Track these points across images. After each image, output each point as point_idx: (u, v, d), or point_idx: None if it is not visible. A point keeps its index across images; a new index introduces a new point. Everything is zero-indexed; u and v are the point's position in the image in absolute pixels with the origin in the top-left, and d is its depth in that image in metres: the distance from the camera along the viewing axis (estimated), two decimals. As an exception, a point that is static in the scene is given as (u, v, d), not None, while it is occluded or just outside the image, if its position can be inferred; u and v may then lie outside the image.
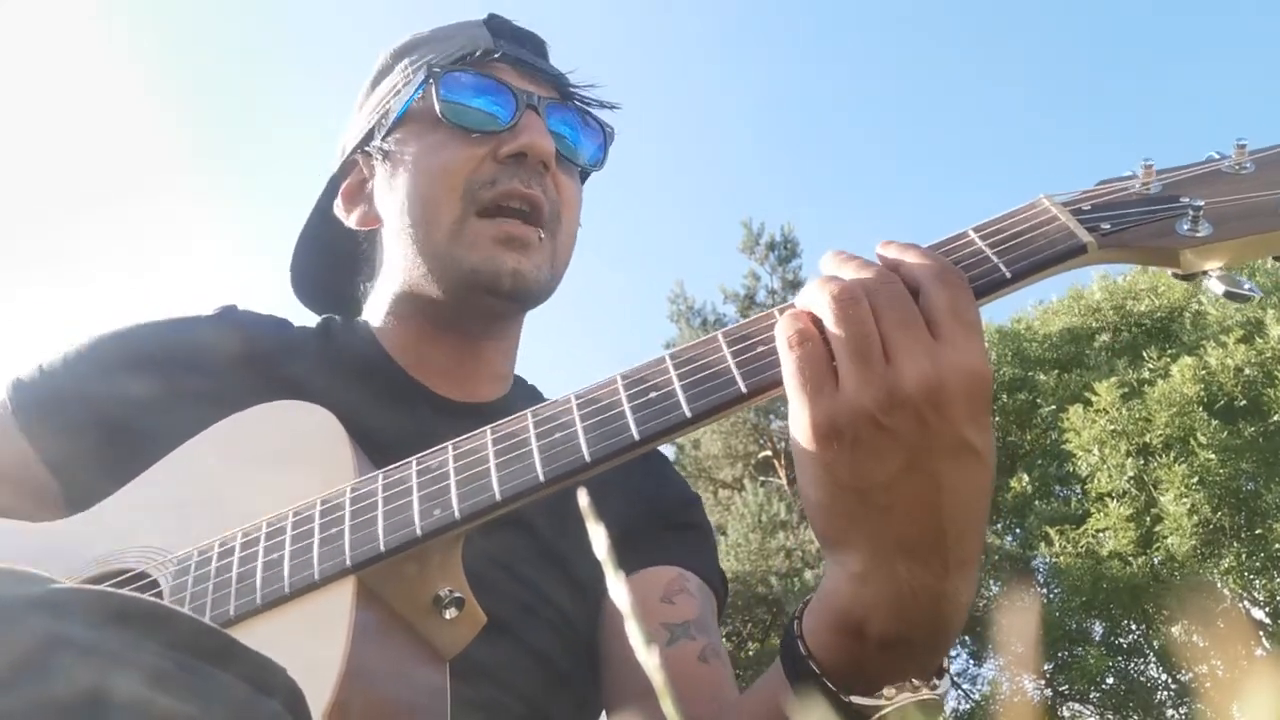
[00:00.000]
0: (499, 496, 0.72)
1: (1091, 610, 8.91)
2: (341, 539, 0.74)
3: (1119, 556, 8.56)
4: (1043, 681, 9.50)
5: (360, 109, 1.19)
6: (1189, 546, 8.13)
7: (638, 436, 0.70)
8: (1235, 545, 8.36)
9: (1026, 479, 9.86)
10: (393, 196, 1.09)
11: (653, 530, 1.10)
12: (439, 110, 1.05)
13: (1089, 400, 8.87)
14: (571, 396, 0.76)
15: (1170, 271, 0.73)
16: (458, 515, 0.72)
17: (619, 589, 0.33)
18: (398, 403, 1.08)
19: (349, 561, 0.73)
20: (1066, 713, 9.84)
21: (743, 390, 0.69)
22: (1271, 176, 0.73)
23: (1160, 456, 8.47)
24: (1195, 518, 8.11)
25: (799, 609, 0.75)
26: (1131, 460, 8.57)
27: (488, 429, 0.77)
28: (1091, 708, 9.53)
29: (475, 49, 1.09)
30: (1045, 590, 9.63)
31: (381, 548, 0.73)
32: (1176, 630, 8.80)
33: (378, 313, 1.16)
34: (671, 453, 15.76)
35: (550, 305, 1.14)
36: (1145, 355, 9.43)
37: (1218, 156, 0.76)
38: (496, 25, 1.13)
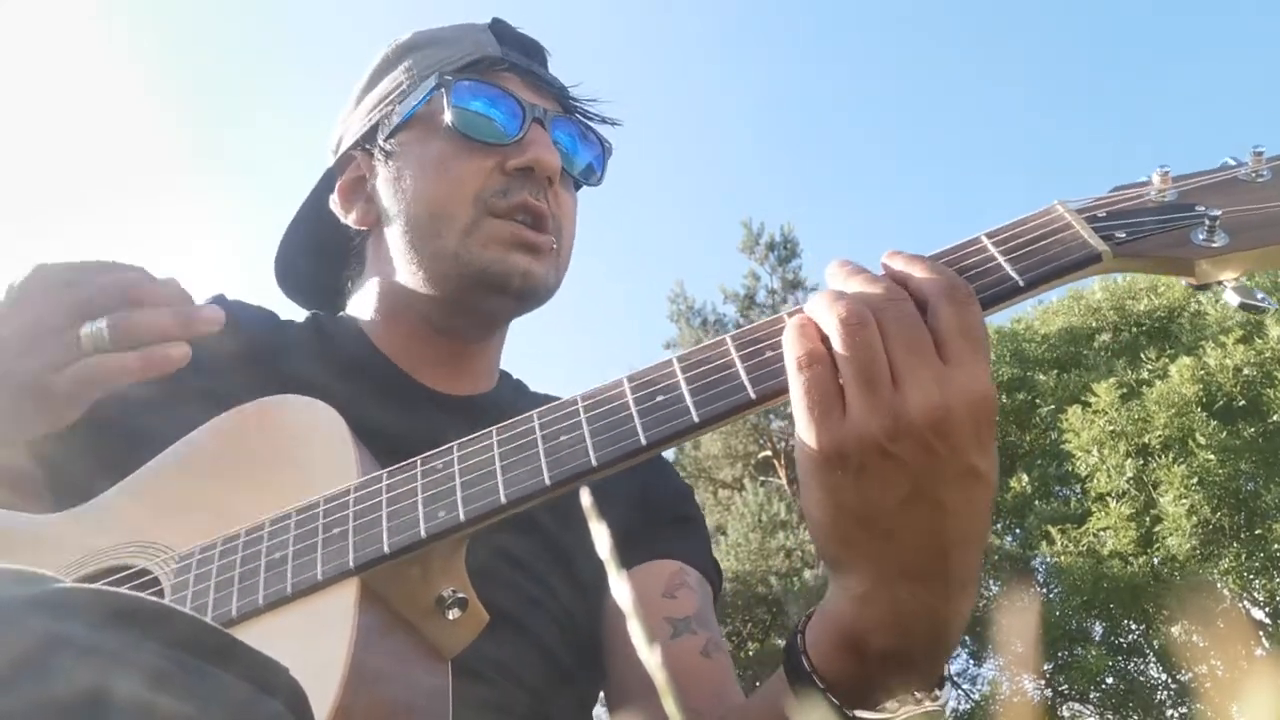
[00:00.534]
0: (504, 500, 0.71)
1: (1091, 610, 8.91)
2: (345, 540, 0.74)
3: (1119, 556, 8.56)
4: (1043, 681, 9.50)
5: (358, 104, 1.18)
6: (1189, 546, 8.13)
7: (645, 441, 0.69)
8: (1235, 545, 8.36)
9: (1026, 479, 9.86)
10: (398, 198, 1.09)
11: (651, 524, 1.11)
12: (449, 118, 1.05)
13: (1088, 401, 8.87)
14: (578, 399, 0.75)
15: (1185, 281, 0.72)
16: (462, 518, 0.72)
17: (621, 589, 0.33)
18: (392, 397, 1.08)
19: (352, 563, 0.72)
20: (1066, 712, 9.84)
21: (752, 396, 0.68)
22: None
23: (1159, 457, 8.47)
24: (1195, 518, 8.12)
25: (801, 623, 0.75)
26: (1131, 460, 8.57)
27: (493, 430, 0.77)
28: (1091, 707, 9.54)
29: (483, 57, 1.09)
30: (1045, 590, 9.63)
31: (385, 549, 0.72)
32: (1176, 630, 8.80)
33: (366, 309, 1.15)
34: (671, 453, 15.76)
35: (551, 304, 1.14)
36: (1144, 356, 9.44)
37: (1234, 163, 0.74)
38: (501, 31, 1.13)
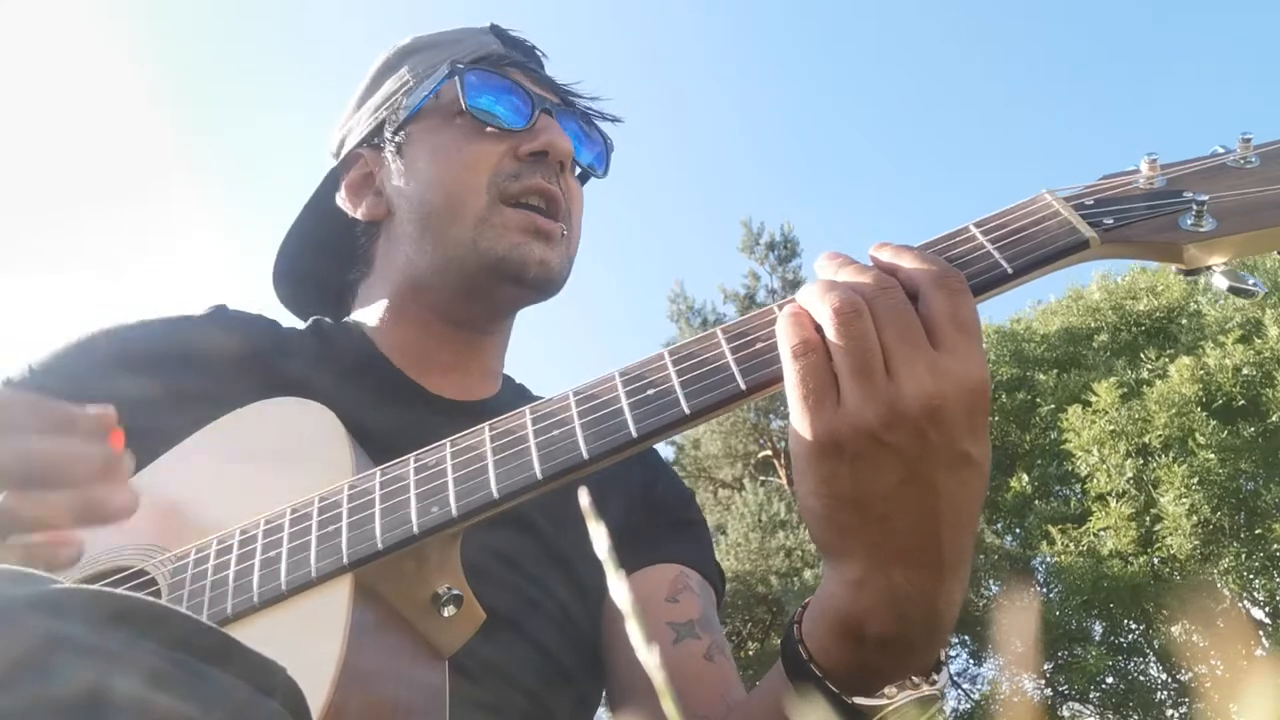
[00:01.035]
0: (496, 494, 0.71)
1: (1091, 610, 8.91)
2: (339, 537, 0.74)
3: (1119, 556, 8.56)
4: (1042, 681, 9.51)
5: (360, 106, 1.19)
6: (1189, 546, 8.13)
7: (636, 434, 0.70)
8: (1235, 545, 8.37)
9: (1026, 479, 9.86)
10: (410, 187, 1.09)
11: (652, 528, 1.11)
12: (464, 103, 1.06)
13: (1088, 400, 8.87)
14: (570, 394, 0.75)
15: (1174, 267, 0.72)
16: (455, 513, 0.72)
17: (619, 589, 0.33)
18: (394, 401, 1.08)
19: (346, 559, 0.72)
20: (1066, 712, 9.85)
21: (742, 388, 0.69)
22: (1276, 171, 0.72)
23: (1159, 456, 8.47)
24: (1195, 518, 8.12)
25: (797, 613, 0.76)
26: (1131, 460, 8.57)
27: (485, 426, 0.77)
28: (1091, 707, 9.54)
29: (489, 54, 1.11)
30: (1045, 590, 9.63)
31: (379, 545, 0.72)
32: (1176, 630, 8.80)
33: (373, 309, 1.16)
34: (671, 452, 15.75)
35: (551, 302, 1.15)
36: (1144, 356, 9.44)
37: (1222, 150, 0.75)
38: (501, 34, 1.15)
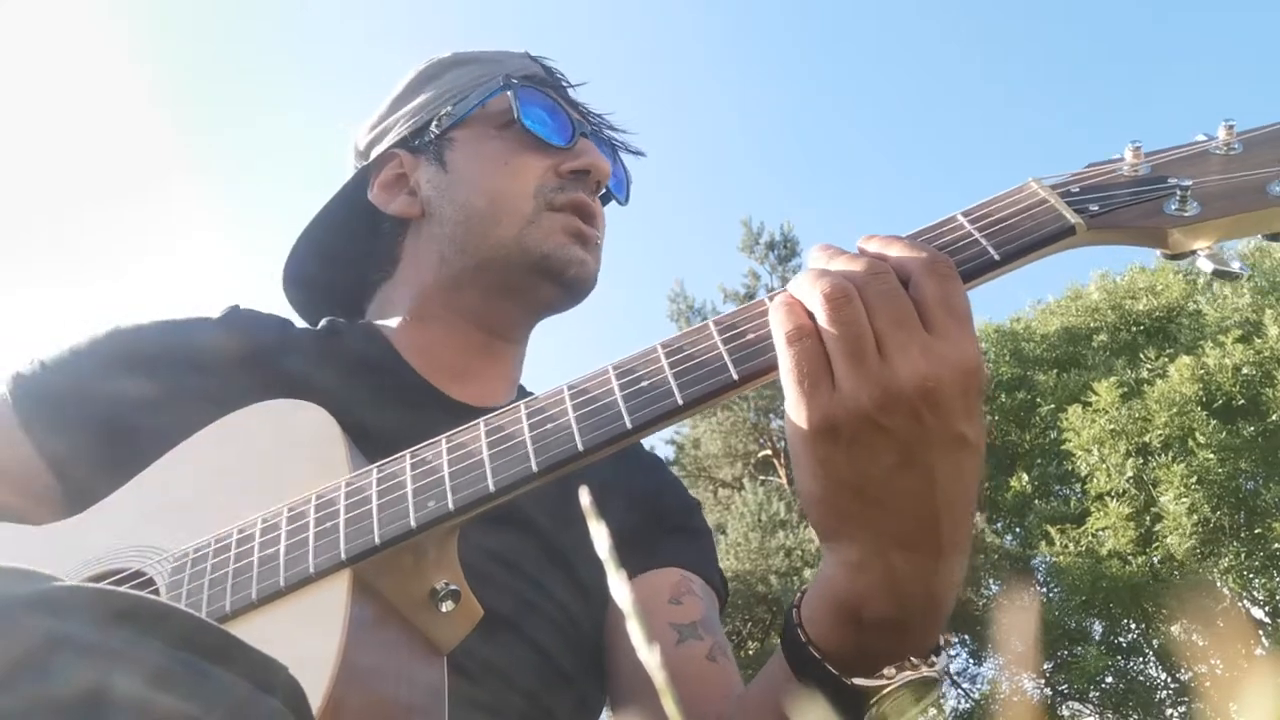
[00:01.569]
0: (492, 488, 0.71)
1: (1091, 609, 8.92)
2: (336, 533, 0.74)
3: (1118, 556, 8.57)
4: (1042, 680, 9.52)
5: (395, 111, 1.21)
6: (1188, 546, 8.14)
7: (630, 425, 0.70)
8: (1234, 544, 8.37)
9: (1026, 478, 9.87)
10: (454, 188, 1.11)
11: (655, 534, 1.11)
12: (517, 115, 1.10)
13: (1088, 400, 8.88)
14: (564, 387, 0.75)
15: (1159, 252, 0.73)
16: (451, 507, 0.72)
17: (620, 587, 0.33)
18: (407, 403, 1.08)
19: (344, 555, 0.72)
20: (1066, 711, 9.86)
21: (734, 378, 0.69)
22: (1259, 156, 0.73)
23: (1159, 456, 8.48)
24: (1194, 517, 8.13)
25: (797, 597, 0.76)
26: (1131, 460, 8.58)
27: (480, 421, 0.77)
28: (1091, 706, 9.55)
29: (535, 73, 1.16)
30: (1045, 589, 9.64)
31: (376, 540, 0.72)
32: (1176, 629, 8.81)
33: (395, 309, 1.16)
34: (671, 452, 15.76)
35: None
36: (1143, 355, 9.45)
37: (1205, 138, 0.76)
38: (538, 60, 1.19)
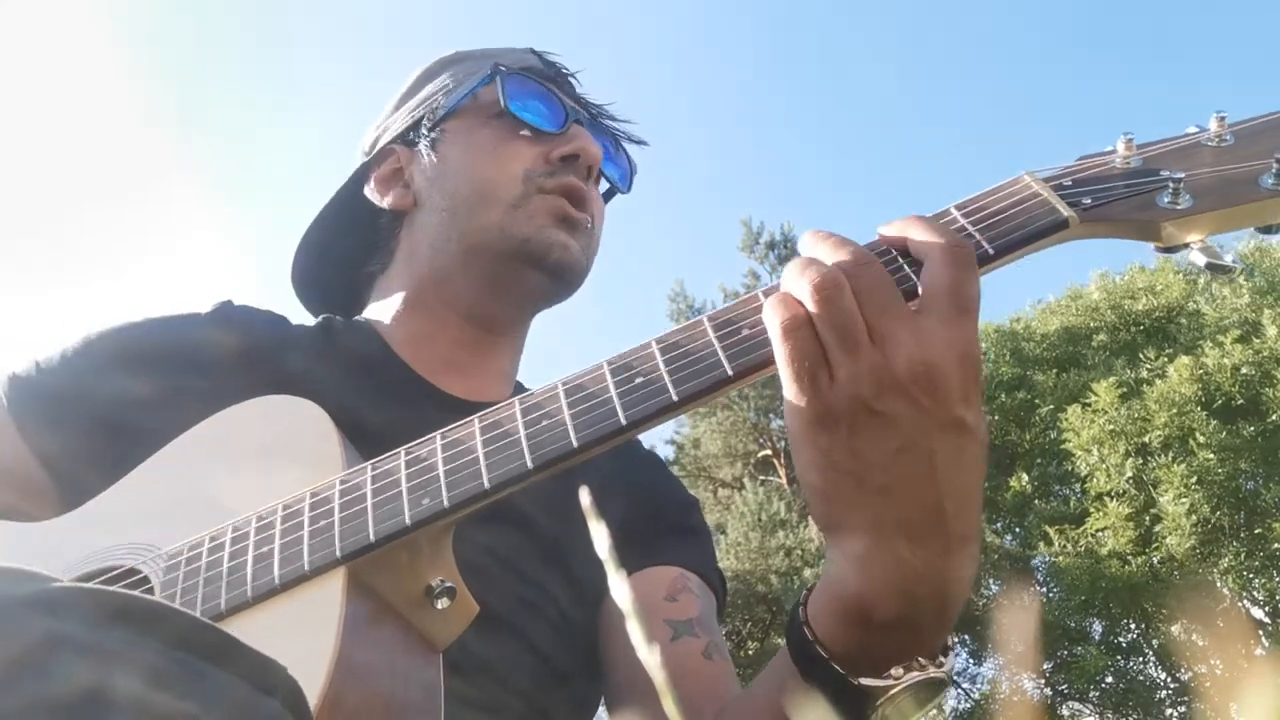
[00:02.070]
0: (488, 485, 0.71)
1: (1091, 609, 8.92)
2: (331, 530, 0.74)
3: (1118, 556, 8.57)
4: (1042, 680, 9.52)
5: (398, 108, 1.22)
6: (1188, 546, 8.14)
7: (625, 421, 0.70)
8: (1234, 544, 8.38)
9: (1026, 478, 9.87)
10: (444, 178, 1.12)
11: (653, 532, 1.11)
12: (504, 103, 1.11)
13: (1087, 400, 8.88)
14: (558, 384, 0.75)
15: (1153, 245, 0.73)
16: (446, 504, 0.72)
17: (619, 586, 0.33)
18: (401, 399, 1.08)
19: (339, 552, 0.72)
20: (1066, 711, 9.86)
21: (729, 373, 0.69)
22: (1251, 148, 0.73)
23: (1159, 456, 8.48)
24: (1194, 517, 8.13)
25: (803, 595, 0.75)
26: (1130, 460, 8.58)
27: (475, 418, 0.77)
28: (1091, 706, 9.55)
29: (529, 64, 1.16)
30: (1044, 589, 9.65)
31: (371, 538, 0.72)
32: (1176, 629, 8.82)
33: (389, 304, 1.16)
34: (671, 452, 15.78)
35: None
36: (1143, 355, 9.45)
37: (1197, 130, 0.76)
38: (540, 55, 1.19)
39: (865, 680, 0.70)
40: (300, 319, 1.21)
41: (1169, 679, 9.27)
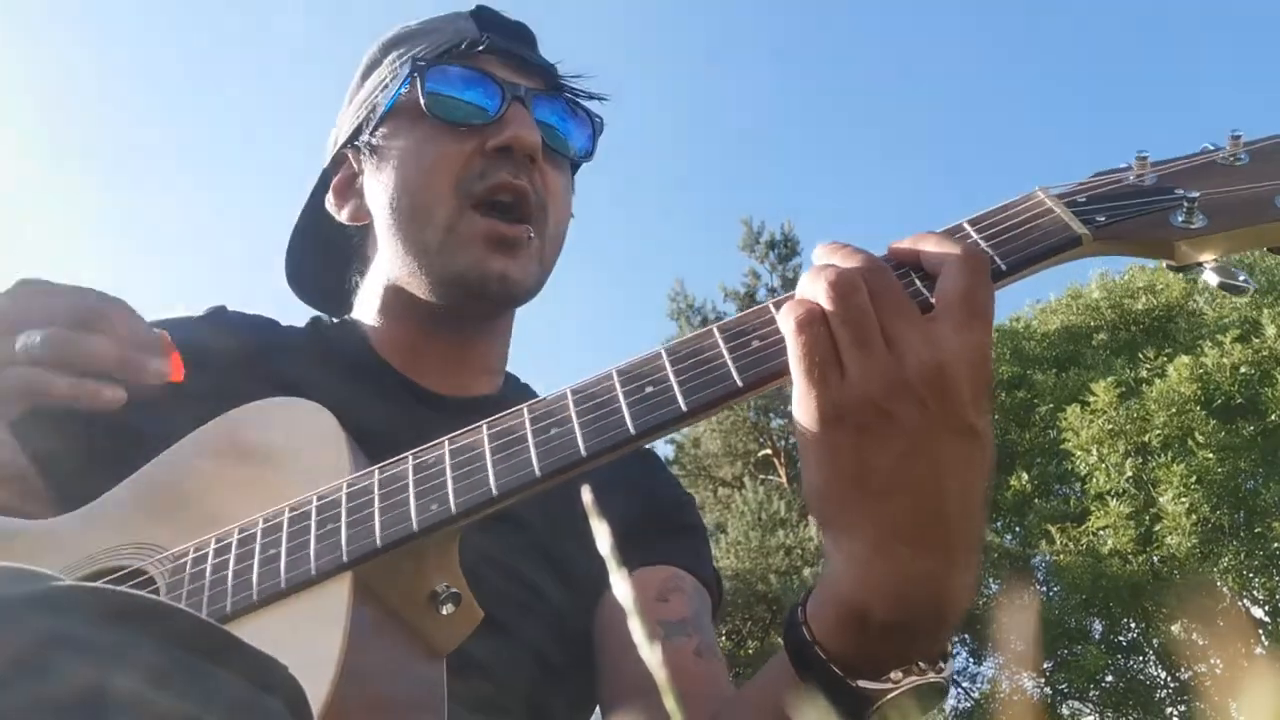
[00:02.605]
0: (495, 492, 0.71)
1: (1091, 608, 8.93)
2: (338, 535, 0.74)
3: (1118, 555, 8.57)
4: (1042, 679, 9.52)
5: (350, 103, 1.19)
6: (1188, 545, 8.14)
7: (634, 431, 0.70)
8: (1234, 544, 8.38)
9: (1025, 477, 9.88)
10: (381, 193, 1.09)
11: (647, 530, 1.10)
12: (424, 104, 1.05)
13: (1087, 399, 8.88)
14: (568, 391, 0.75)
15: (1165, 263, 0.73)
16: (454, 510, 0.72)
17: (622, 585, 0.33)
18: (389, 399, 1.08)
19: (345, 557, 0.72)
20: (1066, 710, 9.87)
21: (739, 385, 0.69)
22: (1266, 168, 0.73)
23: (1158, 455, 8.48)
24: (1194, 516, 8.13)
25: (802, 596, 0.75)
26: (1130, 459, 8.58)
27: (484, 424, 0.77)
28: (1091, 705, 9.56)
29: (461, 41, 1.09)
30: (1045, 588, 9.65)
31: (378, 543, 0.72)
32: (1176, 628, 8.82)
33: (369, 308, 1.16)
34: (671, 451, 15.77)
35: (550, 302, 1.15)
36: (1142, 355, 9.45)
37: (1212, 148, 0.76)
38: (484, 17, 1.13)
39: (863, 683, 0.70)
40: (290, 320, 1.21)
41: (1169, 678, 9.27)
